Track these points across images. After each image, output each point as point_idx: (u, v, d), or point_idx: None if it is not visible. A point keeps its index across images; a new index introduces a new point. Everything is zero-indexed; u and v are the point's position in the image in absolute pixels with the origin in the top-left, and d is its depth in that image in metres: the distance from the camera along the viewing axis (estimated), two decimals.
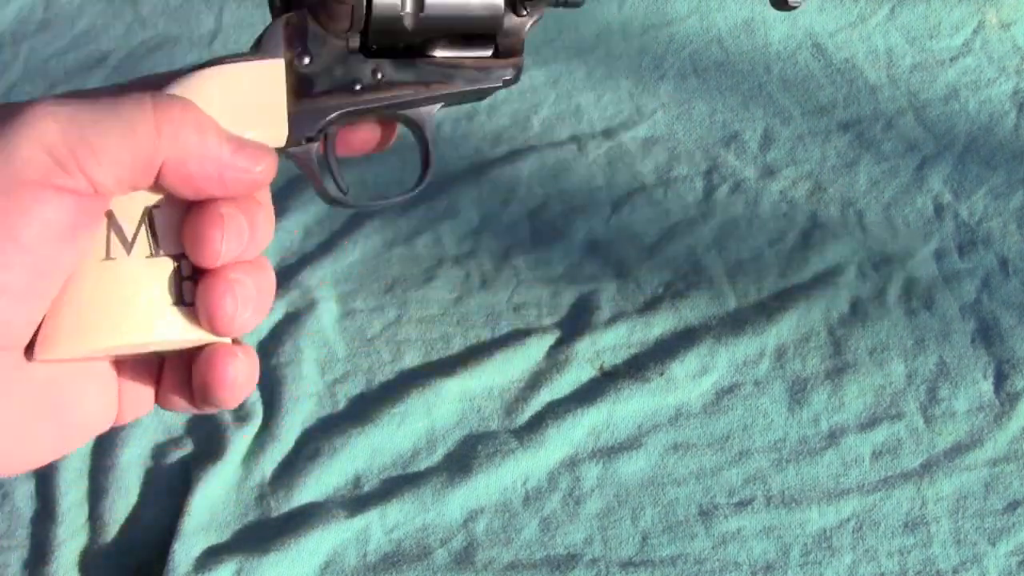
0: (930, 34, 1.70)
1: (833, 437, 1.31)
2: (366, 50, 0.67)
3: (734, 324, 1.39)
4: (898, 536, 1.24)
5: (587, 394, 1.34)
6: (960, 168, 1.53)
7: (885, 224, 1.48)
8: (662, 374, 1.35)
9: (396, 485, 1.29)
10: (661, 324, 1.40)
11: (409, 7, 0.66)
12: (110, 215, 0.60)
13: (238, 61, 0.65)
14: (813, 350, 1.37)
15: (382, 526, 1.26)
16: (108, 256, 0.60)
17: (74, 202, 0.56)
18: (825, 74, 1.66)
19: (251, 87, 0.64)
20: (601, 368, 1.37)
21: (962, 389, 1.34)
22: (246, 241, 0.62)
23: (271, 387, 1.37)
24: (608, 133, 1.60)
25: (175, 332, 0.61)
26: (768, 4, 0.74)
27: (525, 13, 0.70)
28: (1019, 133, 1.57)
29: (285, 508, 1.27)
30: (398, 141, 0.76)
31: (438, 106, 0.71)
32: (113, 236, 0.60)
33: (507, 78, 0.71)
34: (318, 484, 1.29)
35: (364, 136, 0.74)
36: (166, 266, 0.61)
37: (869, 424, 1.32)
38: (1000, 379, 1.34)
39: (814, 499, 1.27)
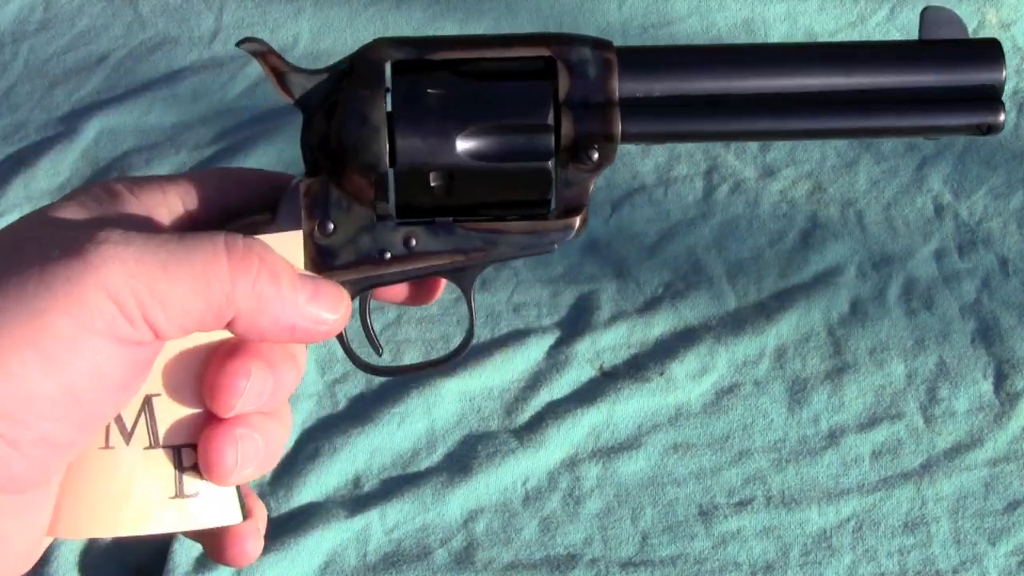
0: None
1: (833, 437, 1.31)
2: (397, 216, 0.60)
3: (734, 324, 1.39)
4: (898, 536, 1.24)
5: (587, 394, 1.34)
6: (960, 168, 1.53)
7: (885, 224, 1.48)
8: (662, 374, 1.35)
9: (396, 485, 1.29)
10: (661, 324, 1.39)
11: (439, 179, 0.59)
12: None
13: (254, 232, 0.58)
14: (813, 350, 1.37)
15: (382, 526, 1.26)
16: (107, 445, 0.57)
17: (132, 352, 0.53)
18: None
19: None
20: (601, 368, 1.37)
21: (962, 389, 1.33)
22: (267, 397, 0.57)
23: None
24: None
25: (173, 525, 0.58)
26: (768, 4, 0.71)
27: (588, 163, 0.61)
28: (1019, 133, 1.57)
29: (285, 508, 1.27)
30: None
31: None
32: (113, 424, 0.57)
33: (565, 240, 0.62)
34: (318, 484, 1.29)
35: (398, 291, 0.67)
36: (165, 458, 0.58)
37: (869, 424, 1.32)
38: (1000, 379, 1.34)
39: (814, 499, 1.27)
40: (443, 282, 0.66)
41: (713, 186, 1.52)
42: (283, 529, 1.25)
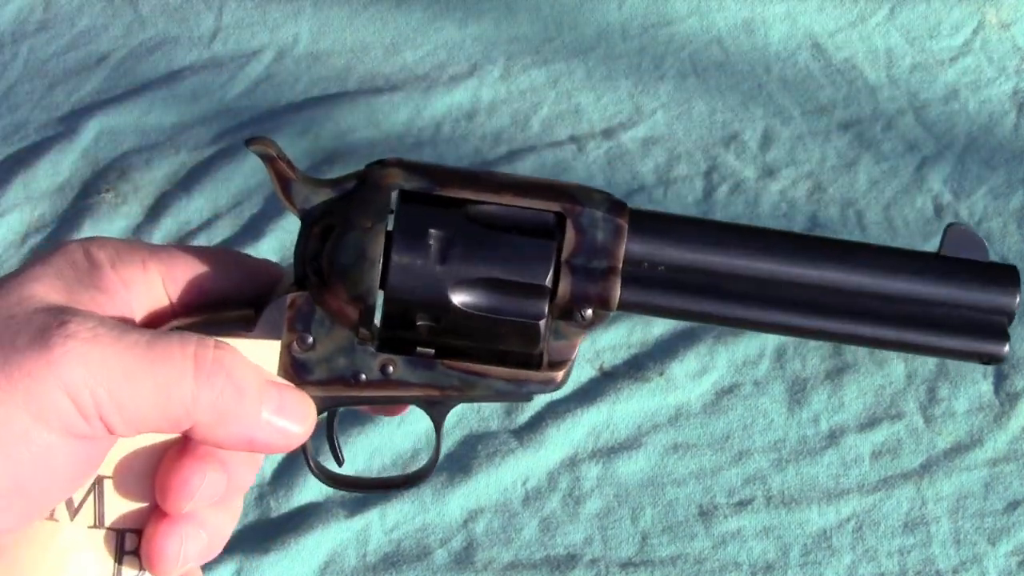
0: (930, 34, 1.70)
1: (833, 437, 1.31)
2: (378, 347, 0.59)
3: None
4: (898, 536, 1.24)
5: (587, 394, 1.34)
6: (960, 168, 1.53)
7: (885, 224, 1.48)
8: (662, 374, 1.35)
9: None
10: (661, 324, 1.39)
11: (426, 321, 0.58)
12: None
13: (232, 334, 0.58)
14: (813, 350, 1.37)
15: (382, 526, 1.26)
16: (52, 516, 0.56)
17: (84, 446, 0.53)
18: (825, 74, 1.66)
19: None
20: (601, 368, 1.37)
21: (962, 389, 1.33)
22: (219, 495, 0.56)
23: None
24: (608, 133, 1.60)
25: None
26: (768, 4, 0.71)
27: (580, 321, 0.59)
28: (1019, 133, 1.57)
29: (285, 508, 1.27)
30: None
31: None
32: None
33: (541, 393, 0.60)
34: (318, 484, 1.29)
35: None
36: (107, 540, 0.57)
37: (869, 424, 1.32)
38: (1000, 379, 1.34)
39: (814, 499, 1.27)
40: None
41: (713, 186, 1.52)
42: (283, 529, 1.25)
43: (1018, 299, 0.59)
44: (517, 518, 1.27)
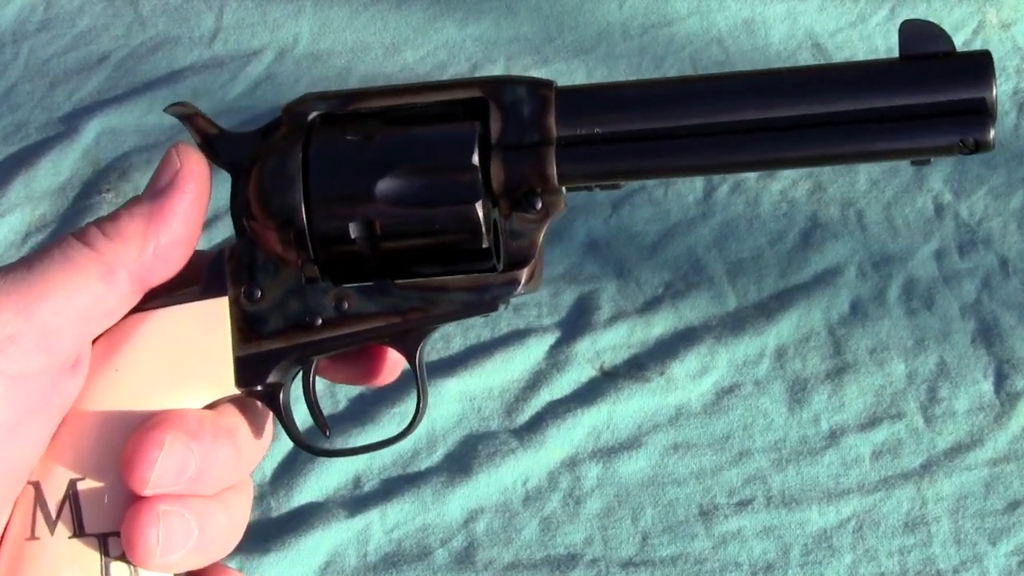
0: None
1: (833, 437, 1.31)
2: (323, 276, 0.57)
3: (734, 324, 1.39)
4: (898, 536, 1.24)
5: (587, 394, 1.34)
6: (960, 168, 1.53)
7: (885, 224, 1.48)
8: (662, 374, 1.35)
9: (396, 485, 1.29)
10: (661, 324, 1.40)
11: (360, 230, 0.55)
12: (37, 487, 0.55)
13: (179, 303, 0.56)
14: (813, 350, 1.37)
15: (382, 526, 1.26)
16: (33, 536, 0.55)
17: (11, 389, 0.52)
18: None
19: (191, 332, 0.56)
20: (601, 368, 1.37)
21: (962, 389, 1.34)
22: (191, 473, 0.54)
23: None
24: None
25: None
26: (768, 4, 0.70)
27: (532, 212, 0.56)
28: (1019, 133, 1.57)
29: (285, 508, 1.27)
30: None
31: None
32: (39, 512, 0.55)
33: (510, 296, 0.56)
34: (318, 484, 1.29)
35: (348, 369, 0.62)
36: (89, 547, 0.55)
37: (869, 424, 1.32)
38: (1000, 379, 1.34)
39: (814, 499, 1.27)
40: (396, 361, 0.62)
41: (713, 186, 1.52)
42: (283, 529, 1.25)
43: (995, 89, 0.55)
44: (517, 518, 1.27)
